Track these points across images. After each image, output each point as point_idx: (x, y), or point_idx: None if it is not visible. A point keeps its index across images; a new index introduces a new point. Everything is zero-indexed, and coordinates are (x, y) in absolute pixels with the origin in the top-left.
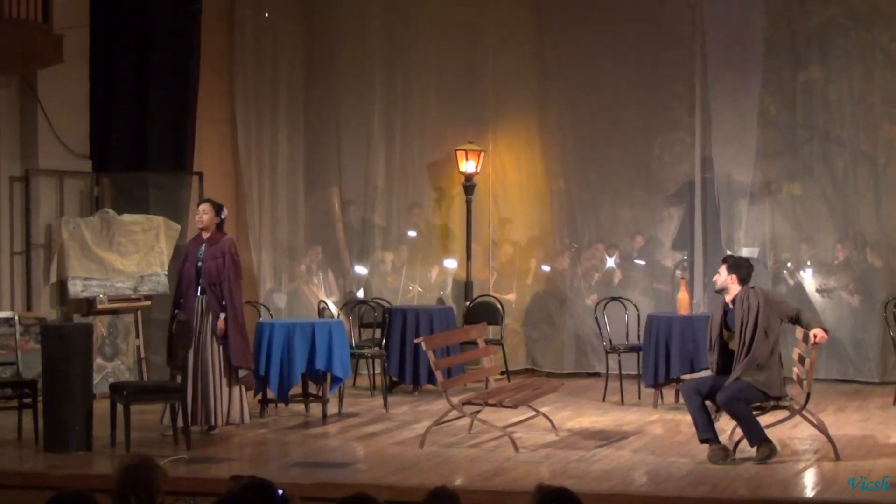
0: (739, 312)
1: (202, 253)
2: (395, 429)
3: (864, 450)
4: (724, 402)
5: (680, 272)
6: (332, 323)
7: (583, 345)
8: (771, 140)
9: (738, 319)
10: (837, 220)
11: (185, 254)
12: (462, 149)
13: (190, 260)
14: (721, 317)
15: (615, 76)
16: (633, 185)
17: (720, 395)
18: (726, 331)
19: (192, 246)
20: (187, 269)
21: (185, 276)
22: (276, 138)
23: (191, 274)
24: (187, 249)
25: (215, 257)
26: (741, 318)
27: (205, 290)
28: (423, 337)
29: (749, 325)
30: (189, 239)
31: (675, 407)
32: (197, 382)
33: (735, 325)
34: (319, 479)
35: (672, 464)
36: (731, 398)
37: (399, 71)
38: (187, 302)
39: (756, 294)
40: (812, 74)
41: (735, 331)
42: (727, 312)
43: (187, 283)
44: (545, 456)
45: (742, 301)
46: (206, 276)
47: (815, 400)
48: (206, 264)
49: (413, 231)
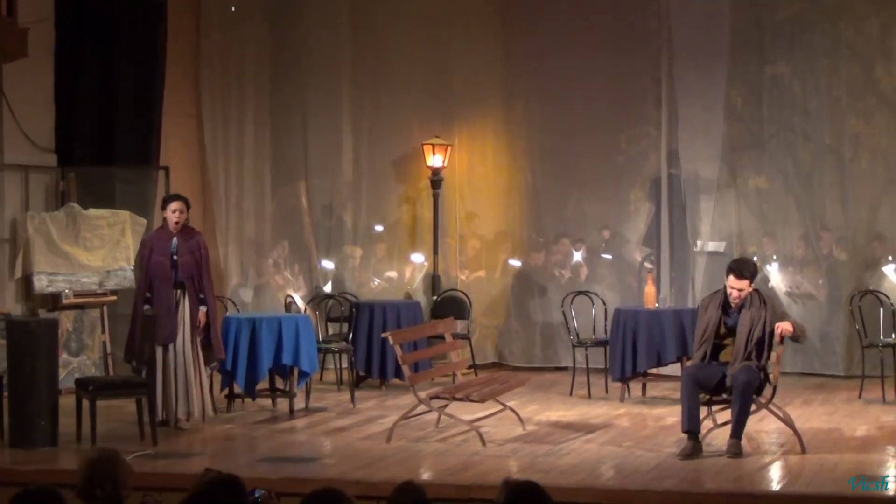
0: (748, 317)
1: (175, 247)
2: (363, 423)
3: (830, 443)
4: (742, 385)
5: (647, 266)
6: (299, 317)
7: (550, 339)
8: (737, 134)
9: (743, 324)
10: (803, 214)
11: (149, 247)
12: (429, 143)
13: (160, 253)
14: (719, 315)
15: (582, 70)
16: (599, 178)
17: (739, 375)
18: (724, 328)
19: (160, 239)
20: (157, 261)
21: (156, 270)
22: (243, 133)
23: (164, 268)
24: (151, 242)
25: (192, 251)
26: (749, 324)
27: (181, 283)
28: (391, 331)
29: (756, 334)
30: (152, 232)
31: (641, 400)
32: (172, 377)
33: (739, 328)
34: (287, 475)
35: (639, 457)
36: (748, 382)
37: (366, 65)
38: (160, 296)
39: (763, 300)
40: (778, 68)
41: (738, 335)
42: (728, 313)
43: (160, 277)
44: (513, 450)
45: (749, 306)
46: (185, 270)
47: (782, 394)
48: (183, 258)
49: (380, 226)
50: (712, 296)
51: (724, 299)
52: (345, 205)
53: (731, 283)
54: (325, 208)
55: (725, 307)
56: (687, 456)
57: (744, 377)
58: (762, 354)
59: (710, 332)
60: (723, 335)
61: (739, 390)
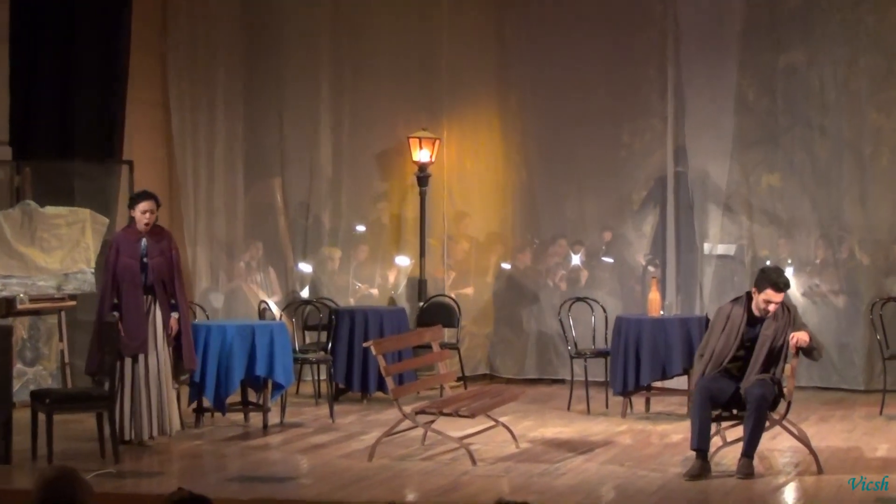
0: (772, 328)
1: (145, 248)
2: (342, 440)
3: (849, 463)
4: (757, 400)
5: (651, 270)
6: (274, 325)
7: (546, 349)
8: (749, 128)
9: (766, 335)
10: (820, 215)
11: (114, 247)
12: (415, 136)
13: (128, 255)
14: (742, 329)
15: (581, 58)
16: (600, 175)
17: (755, 389)
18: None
19: (127, 239)
20: (126, 264)
21: (124, 273)
22: (214, 124)
23: (133, 271)
24: (117, 243)
25: (163, 253)
26: (773, 336)
27: (151, 288)
28: (373, 340)
29: (777, 346)
30: (118, 231)
31: (645, 416)
32: (144, 392)
33: (761, 339)
34: (260, 495)
35: (642, 478)
36: (764, 397)
37: (347, 52)
38: (130, 302)
39: (787, 309)
40: (793, 57)
41: (757, 346)
42: (752, 325)
43: (129, 281)
44: (505, 469)
45: (774, 316)
46: (156, 274)
47: (796, 409)
48: (154, 260)
49: (362, 226)
50: (733, 304)
51: (748, 309)
52: (323, 203)
53: (769, 296)
54: (302, 206)
55: (751, 319)
56: (694, 476)
57: (759, 391)
58: (776, 366)
59: (734, 345)
60: (739, 347)
61: (754, 405)
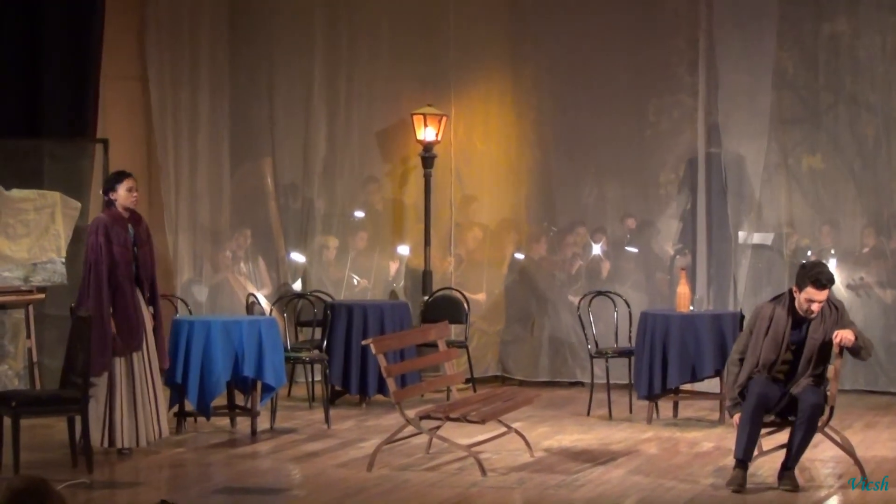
0: (821, 330)
1: (133, 236)
2: (339, 448)
3: None
4: (810, 409)
5: (680, 261)
6: (263, 321)
7: (563, 348)
8: (788, 104)
9: (815, 338)
10: (867, 200)
11: (102, 233)
12: (419, 113)
13: (119, 244)
14: (787, 332)
15: (602, 27)
16: (623, 157)
17: (808, 396)
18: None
19: (115, 224)
20: (119, 254)
21: (119, 261)
22: (196, 100)
23: (128, 261)
24: (106, 228)
25: (146, 241)
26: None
27: (140, 281)
28: (373, 338)
29: (826, 347)
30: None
31: (672, 422)
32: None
33: (809, 342)
34: None
35: (670, 490)
36: (818, 406)
37: (344, 21)
38: (125, 295)
39: (834, 306)
40: (837, 27)
41: (807, 349)
42: (796, 327)
43: (123, 272)
44: (518, 481)
45: (821, 317)
46: (145, 266)
47: (840, 415)
48: (143, 249)
49: (361, 212)
50: (775, 304)
51: (791, 310)
52: (318, 187)
53: (810, 294)
54: (294, 190)
55: (795, 320)
56: (739, 488)
57: (813, 399)
58: (824, 367)
59: (781, 351)
60: (785, 350)
61: (807, 415)
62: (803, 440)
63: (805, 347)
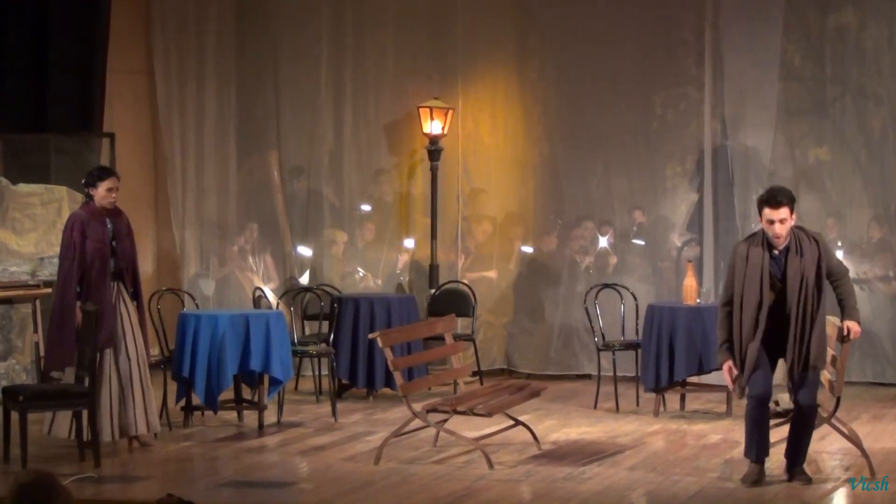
0: (797, 263)
1: (112, 230)
2: (346, 441)
3: None
4: (808, 406)
5: (687, 254)
6: (270, 315)
7: (570, 341)
8: (795, 96)
9: (794, 272)
10: (874, 193)
11: (77, 228)
12: (426, 106)
13: (95, 238)
14: (765, 267)
15: (608, 20)
16: (629, 149)
17: (804, 394)
18: (772, 279)
19: (90, 218)
20: (94, 248)
21: (93, 258)
22: (203, 94)
23: (104, 256)
24: (80, 223)
25: (126, 235)
26: (801, 272)
27: (119, 274)
28: (380, 331)
29: (811, 280)
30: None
31: (679, 415)
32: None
33: (790, 279)
34: (255, 502)
35: (676, 483)
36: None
37: (351, 14)
38: (98, 290)
39: (810, 236)
40: (844, 18)
41: (790, 287)
42: (776, 261)
43: (97, 268)
44: (525, 474)
45: (797, 249)
46: (124, 259)
47: (847, 407)
48: (122, 244)
49: (367, 205)
50: (749, 243)
51: (767, 245)
52: (325, 180)
53: (768, 215)
54: (301, 184)
55: (773, 256)
56: (755, 482)
57: (806, 401)
58: (818, 304)
59: (764, 288)
60: (770, 288)
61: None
62: (803, 441)
63: (788, 281)
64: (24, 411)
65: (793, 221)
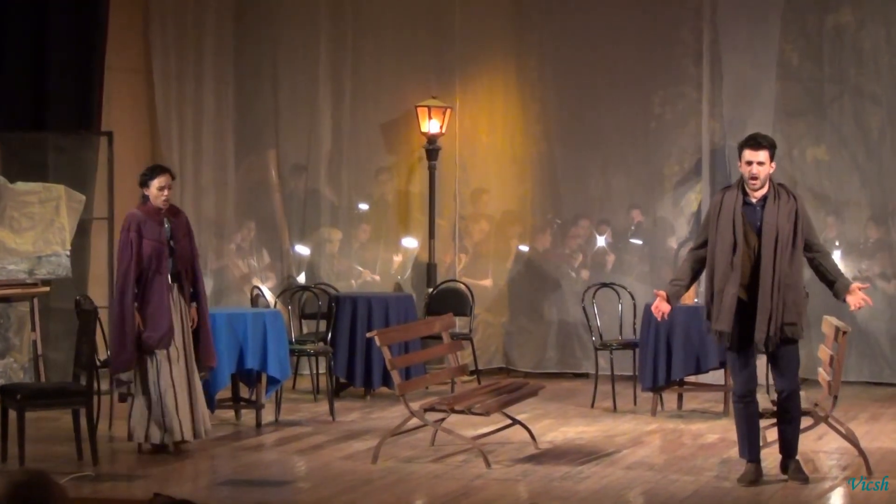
0: (774, 213)
1: (169, 230)
2: (343, 440)
3: None
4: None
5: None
6: (268, 313)
7: (568, 340)
8: (793, 96)
9: (769, 222)
10: (872, 192)
11: (134, 228)
12: (424, 105)
13: (151, 237)
14: (738, 211)
15: (607, 18)
16: (627, 149)
17: (784, 382)
18: (747, 227)
19: (147, 217)
20: (151, 247)
21: (150, 256)
22: (201, 93)
23: (161, 256)
24: (137, 223)
25: (185, 235)
26: (775, 223)
27: (177, 275)
28: (377, 330)
29: (785, 232)
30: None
31: (677, 414)
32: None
33: (766, 229)
34: (253, 501)
35: (674, 482)
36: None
37: (349, 12)
38: (154, 291)
39: (790, 193)
40: (842, 18)
41: (764, 238)
42: (751, 210)
43: (155, 268)
44: (523, 473)
45: (775, 198)
46: (182, 260)
47: (844, 406)
48: (180, 244)
49: (365, 204)
50: (725, 190)
51: (742, 188)
52: (323, 179)
53: (747, 156)
54: (299, 183)
55: (749, 206)
56: (752, 482)
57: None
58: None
59: (737, 234)
60: (744, 238)
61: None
62: (792, 430)
63: (763, 230)
64: (21, 410)
65: (772, 169)
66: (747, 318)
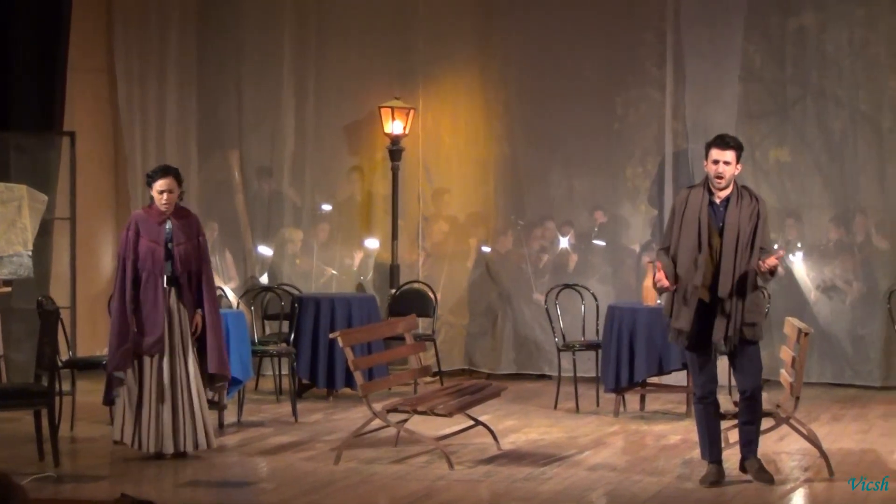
0: (735, 215)
1: (170, 232)
2: (306, 441)
3: (864, 466)
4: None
5: (647, 255)
6: (230, 314)
7: (530, 342)
8: (755, 98)
9: (731, 223)
10: (834, 194)
11: (132, 228)
12: (387, 106)
13: (150, 238)
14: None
15: (570, 21)
16: (590, 150)
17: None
18: (717, 237)
19: (148, 219)
20: (148, 248)
21: (146, 256)
22: (164, 93)
23: (157, 257)
24: (136, 223)
25: (190, 238)
26: (737, 221)
27: (176, 279)
28: (340, 331)
29: (746, 233)
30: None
31: (639, 415)
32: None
33: (727, 229)
34: (215, 502)
35: (636, 483)
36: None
37: (313, 13)
38: (149, 292)
39: (753, 195)
40: (805, 20)
41: (726, 238)
42: (714, 208)
43: (150, 269)
44: (485, 474)
45: (738, 200)
46: (183, 263)
47: (806, 408)
48: (181, 247)
49: (328, 204)
50: (691, 189)
51: (707, 188)
52: (286, 179)
53: (714, 155)
54: (262, 183)
55: (714, 205)
56: (714, 483)
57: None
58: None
59: (702, 233)
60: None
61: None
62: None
63: (725, 231)
64: None
65: (737, 171)
66: (707, 318)
